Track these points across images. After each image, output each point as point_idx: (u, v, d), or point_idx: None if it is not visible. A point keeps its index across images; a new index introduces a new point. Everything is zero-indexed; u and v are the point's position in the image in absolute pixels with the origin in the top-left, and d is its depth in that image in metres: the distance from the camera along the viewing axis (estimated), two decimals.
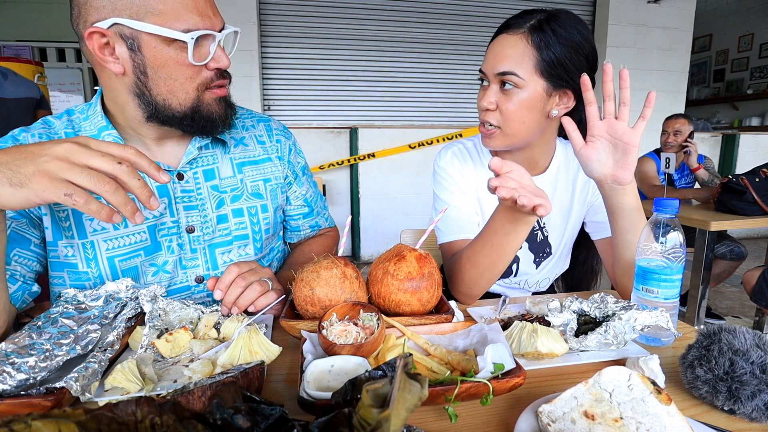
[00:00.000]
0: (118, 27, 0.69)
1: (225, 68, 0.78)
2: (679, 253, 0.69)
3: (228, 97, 0.83)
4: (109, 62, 0.71)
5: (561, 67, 0.86)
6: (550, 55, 0.85)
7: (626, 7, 4.38)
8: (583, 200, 1.06)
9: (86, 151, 0.55)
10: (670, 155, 2.45)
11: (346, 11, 3.98)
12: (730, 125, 6.05)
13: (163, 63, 0.71)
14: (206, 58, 0.74)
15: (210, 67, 0.76)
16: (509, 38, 0.88)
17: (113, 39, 0.70)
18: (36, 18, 4.13)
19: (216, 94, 0.79)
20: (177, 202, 0.85)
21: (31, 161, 0.54)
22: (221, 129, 0.83)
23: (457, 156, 1.07)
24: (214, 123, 0.80)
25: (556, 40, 0.85)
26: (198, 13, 0.71)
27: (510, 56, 0.87)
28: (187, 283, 0.88)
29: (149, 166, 0.59)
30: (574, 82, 0.88)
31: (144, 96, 0.74)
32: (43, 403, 0.49)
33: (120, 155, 0.57)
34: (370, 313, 0.63)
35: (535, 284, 1.14)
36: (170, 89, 0.74)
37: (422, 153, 4.05)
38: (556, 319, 0.69)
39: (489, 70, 0.90)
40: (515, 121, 0.89)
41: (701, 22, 6.04)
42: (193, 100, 0.76)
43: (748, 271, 2.00)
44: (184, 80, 0.74)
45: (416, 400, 0.31)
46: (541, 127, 0.93)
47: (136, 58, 0.71)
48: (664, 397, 0.47)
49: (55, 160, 0.54)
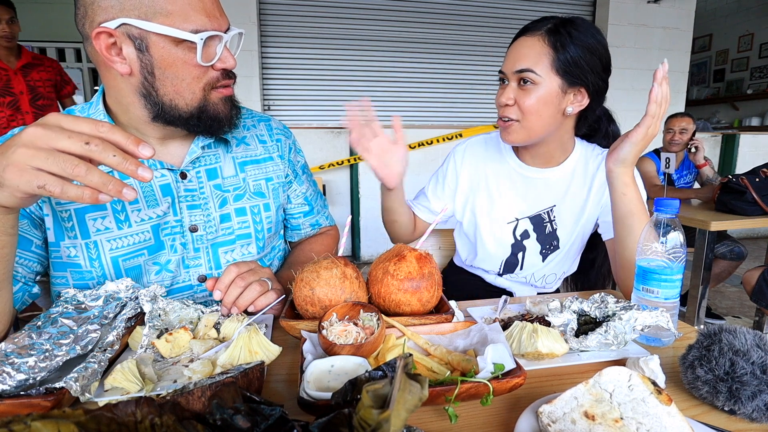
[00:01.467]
0: (126, 27, 0.68)
1: (231, 68, 0.78)
2: (679, 253, 0.69)
3: (233, 96, 0.83)
4: (116, 62, 0.71)
5: (576, 66, 0.92)
6: (565, 54, 0.92)
7: (626, 7, 4.38)
8: (598, 201, 1.07)
9: (52, 133, 0.51)
10: (670, 155, 2.45)
11: (346, 11, 3.97)
12: (730, 125, 6.05)
13: (171, 63, 0.71)
14: (213, 59, 0.74)
15: (217, 67, 0.76)
16: (528, 40, 0.95)
17: (121, 39, 0.69)
18: (36, 18, 4.12)
19: (222, 94, 0.79)
20: (180, 202, 0.85)
21: (3, 155, 0.51)
22: (227, 129, 0.83)
23: (474, 146, 1.18)
24: (221, 122, 0.80)
25: (570, 42, 0.91)
26: (206, 14, 0.71)
27: (528, 55, 0.93)
28: (190, 282, 0.88)
29: (126, 140, 0.53)
30: (588, 81, 0.94)
31: (150, 96, 0.74)
32: (43, 404, 0.49)
33: (90, 132, 0.52)
34: (370, 313, 0.63)
35: (542, 279, 1.15)
36: (177, 89, 0.74)
37: (422, 153, 4.05)
38: (557, 319, 0.69)
39: (508, 68, 0.96)
40: (532, 114, 0.95)
41: (701, 22, 6.04)
42: (199, 100, 0.76)
43: (748, 271, 2.00)
44: (191, 80, 0.74)
45: (416, 400, 0.31)
46: (556, 123, 0.98)
47: (144, 59, 0.71)
48: (665, 398, 0.47)
49: (21, 148, 0.50)
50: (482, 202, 1.14)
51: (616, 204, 0.88)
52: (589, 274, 1.21)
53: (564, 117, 0.98)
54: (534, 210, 1.10)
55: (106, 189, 0.52)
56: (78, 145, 0.51)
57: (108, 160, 0.52)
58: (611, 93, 1.02)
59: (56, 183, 0.50)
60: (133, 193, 0.54)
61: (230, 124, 0.82)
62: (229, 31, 0.76)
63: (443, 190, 1.19)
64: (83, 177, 0.51)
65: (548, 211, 1.10)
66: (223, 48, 0.75)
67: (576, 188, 1.08)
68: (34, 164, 0.50)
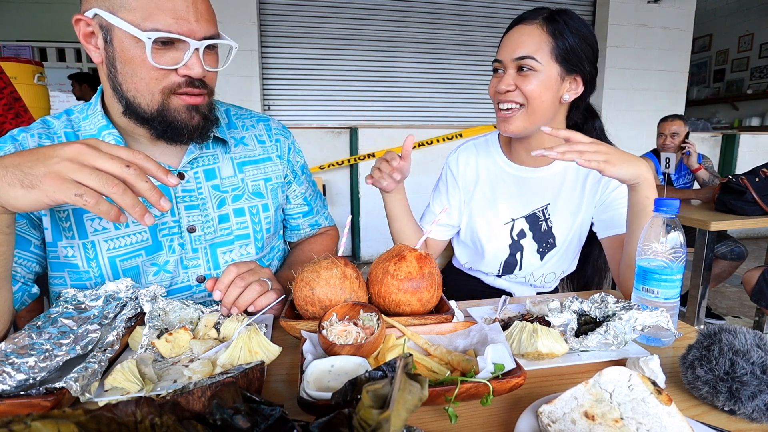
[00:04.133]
0: (98, 18, 0.71)
1: (196, 77, 0.75)
2: (679, 253, 0.69)
3: (202, 107, 0.79)
4: (91, 51, 0.75)
5: (574, 54, 0.94)
6: (564, 42, 0.93)
7: (626, 7, 4.38)
8: (592, 198, 1.07)
9: (96, 153, 0.56)
10: (670, 155, 2.45)
11: (346, 11, 3.97)
12: (730, 125, 6.05)
13: (129, 59, 0.72)
14: (177, 63, 0.72)
15: (180, 72, 0.74)
16: (525, 28, 0.96)
17: (96, 29, 0.72)
18: (36, 18, 4.13)
19: (184, 102, 0.76)
20: (178, 202, 0.85)
21: (42, 163, 0.55)
22: (187, 138, 0.80)
23: (464, 152, 1.18)
24: (178, 130, 0.77)
25: (568, 30, 0.94)
26: (173, 16, 0.70)
27: (527, 42, 0.94)
28: (189, 283, 0.88)
29: (157, 170, 0.60)
30: (584, 69, 0.97)
31: (117, 90, 0.75)
32: (43, 404, 0.49)
33: (128, 159, 0.58)
34: (370, 313, 0.63)
35: (541, 279, 1.15)
36: (136, 87, 0.74)
37: (422, 153, 4.05)
38: (557, 319, 0.69)
39: (506, 56, 0.97)
40: (535, 99, 0.95)
41: (701, 22, 6.04)
42: (158, 103, 0.75)
43: (748, 271, 2.00)
44: (149, 80, 0.73)
45: (416, 400, 0.31)
46: (554, 110, 0.99)
47: (109, 50, 0.73)
48: (665, 398, 0.47)
49: (65, 162, 0.55)
50: (478, 205, 1.15)
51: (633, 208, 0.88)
52: (584, 268, 1.21)
53: (560, 105, 0.99)
54: (529, 209, 1.11)
55: (133, 210, 0.57)
56: (118, 167, 0.56)
57: (139, 185, 0.57)
58: (611, 93, 1.03)
59: (93, 195, 0.55)
60: (152, 219, 0.59)
61: (193, 134, 0.79)
62: (206, 40, 0.73)
63: (448, 201, 1.19)
64: (118, 196, 0.56)
65: (543, 210, 1.10)
66: (193, 55, 0.73)
67: (569, 185, 1.09)
68: (77, 178, 0.55)
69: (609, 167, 0.81)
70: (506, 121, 0.99)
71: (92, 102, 0.83)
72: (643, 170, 0.85)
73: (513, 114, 0.98)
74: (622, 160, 0.83)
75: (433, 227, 1.18)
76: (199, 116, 0.79)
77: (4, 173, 0.55)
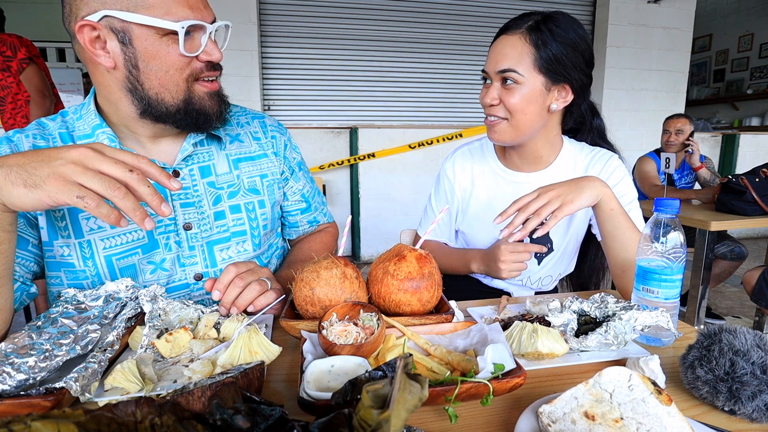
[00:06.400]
0: (108, 20, 0.69)
1: (216, 61, 0.78)
2: (679, 253, 0.69)
3: (220, 91, 0.83)
4: (100, 56, 0.72)
5: (558, 63, 0.92)
6: (547, 52, 0.91)
7: (626, 7, 4.37)
8: None
9: (100, 157, 0.57)
10: (670, 155, 2.45)
11: (346, 11, 3.97)
12: (730, 125, 6.04)
13: (154, 55, 0.72)
14: (197, 50, 0.74)
15: (201, 59, 0.76)
16: (509, 38, 0.94)
17: (104, 32, 0.70)
18: (36, 18, 4.12)
19: (207, 88, 0.79)
20: (174, 200, 0.85)
21: (47, 164, 0.56)
22: (215, 123, 0.83)
23: (459, 158, 1.17)
24: (208, 117, 0.80)
25: (552, 39, 0.91)
26: (188, 6, 0.71)
27: (509, 55, 0.92)
28: (186, 281, 0.88)
29: (160, 175, 0.61)
30: (571, 78, 0.94)
31: (136, 91, 0.75)
32: (43, 404, 0.49)
33: (132, 164, 0.59)
34: (370, 313, 0.63)
35: (538, 281, 1.15)
36: (162, 82, 0.74)
37: (422, 153, 4.05)
38: (557, 319, 0.69)
39: (491, 68, 0.96)
40: (518, 112, 0.95)
41: (701, 22, 6.04)
42: (184, 92, 0.76)
43: (748, 271, 2.00)
44: (174, 72, 0.74)
45: (416, 400, 0.31)
46: (542, 120, 0.98)
47: (128, 51, 0.71)
48: (665, 398, 0.47)
49: (70, 164, 0.56)
50: (474, 211, 1.15)
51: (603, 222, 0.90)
52: (582, 266, 1.21)
53: (549, 113, 0.98)
54: None
55: (133, 214, 0.58)
56: (122, 171, 0.57)
57: (141, 189, 0.58)
58: (611, 93, 1.03)
59: (94, 198, 0.56)
60: (153, 224, 0.60)
61: (219, 119, 0.82)
62: (215, 22, 0.76)
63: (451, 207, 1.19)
64: (120, 199, 0.57)
65: None
66: (208, 40, 0.75)
67: None
68: (80, 180, 0.56)
69: (568, 206, 0.82)
70: (493, 130, 1.00)
71: (85, 102, 0.83)
72: (598, 187, 0.85)
73: (499, 124, 0.98)
74: (575, 190, 0.84)
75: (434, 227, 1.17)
76: (218, 99, 0.82)
77: (8, 172, 0.56)
